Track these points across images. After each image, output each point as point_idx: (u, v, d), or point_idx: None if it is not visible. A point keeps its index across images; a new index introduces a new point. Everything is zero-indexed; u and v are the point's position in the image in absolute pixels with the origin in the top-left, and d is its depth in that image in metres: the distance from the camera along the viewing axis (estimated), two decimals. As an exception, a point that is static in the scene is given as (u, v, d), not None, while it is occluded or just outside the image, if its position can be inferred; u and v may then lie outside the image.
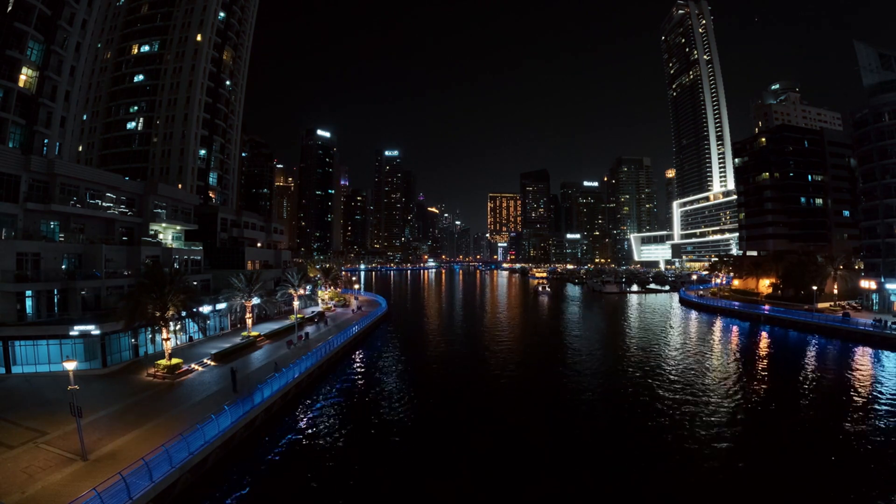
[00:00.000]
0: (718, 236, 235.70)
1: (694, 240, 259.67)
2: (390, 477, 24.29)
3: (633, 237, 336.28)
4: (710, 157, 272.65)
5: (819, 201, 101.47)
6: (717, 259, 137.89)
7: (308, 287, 79.08)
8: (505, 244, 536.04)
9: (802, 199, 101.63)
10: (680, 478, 24.03)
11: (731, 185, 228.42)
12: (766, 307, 77.93)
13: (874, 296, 72.38)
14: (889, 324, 55.38)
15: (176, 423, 25.95)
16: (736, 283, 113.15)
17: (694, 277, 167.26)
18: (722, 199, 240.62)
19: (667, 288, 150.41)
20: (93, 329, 36.47)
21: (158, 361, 37.09)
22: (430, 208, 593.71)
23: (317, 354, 42.25)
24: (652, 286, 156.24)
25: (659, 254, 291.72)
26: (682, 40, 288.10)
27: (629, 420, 32.39)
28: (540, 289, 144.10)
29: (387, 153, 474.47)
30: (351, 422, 32.08)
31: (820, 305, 73.97)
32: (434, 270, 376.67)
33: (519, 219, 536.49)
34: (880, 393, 37.31)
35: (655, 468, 25.03)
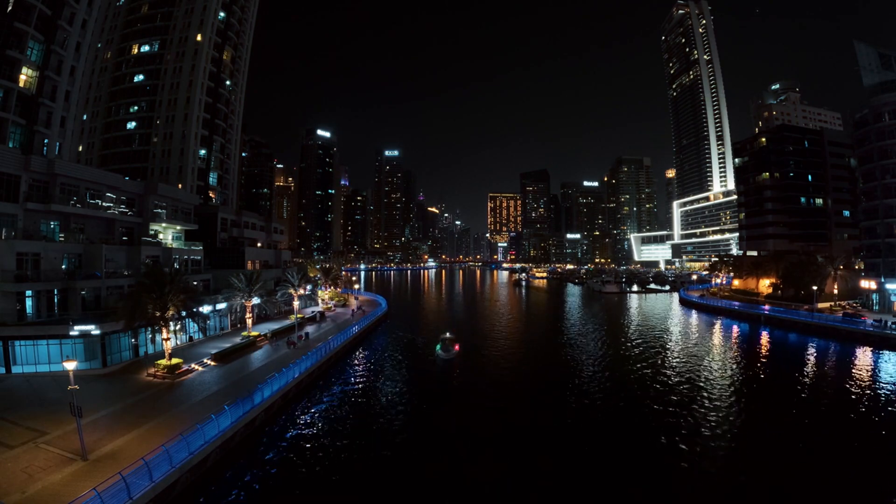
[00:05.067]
0: (718, 236, 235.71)
1: (694, 240, 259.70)
2: (390, 476, 24.29)
3: (633, 237, 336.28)
4: (710, 157, 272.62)
5: (819, 201, 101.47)
6: (717, 259, 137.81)
7: (308, 287, 79.06)
8: (505, 244, 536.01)
9: (802, 199, 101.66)
10: (679, 480, 24.02)
11: (731, 185, 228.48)
12: (767, 307, 77.88)
13: (874, 296, 72.34)
14: (889, 324, 55.38)
15: (176, 423, 25.95)
16: (736, 283, 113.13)
17: (694, 277, 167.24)
18: (722, 199, 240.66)
19: (667, 288, 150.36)
20: (93, 329, 36.46)
21: (158, 361, 37.09)
22: (430, 208, 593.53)
23: (317, 354, 42.24)
24: (652, 286, 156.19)
25: (659, 254, 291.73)
26: (682, 40, 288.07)
27: (628, 421, 32.36)
28: (522, 280, 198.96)
29: (387, 153, 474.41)
30: (351, 421, 32.08)
31: (820, 305, 73.86)
32: (434, 270, 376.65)
33: (519, 219, 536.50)
34: (881, 393, 37.30)
35: (653, 469, 25.01)
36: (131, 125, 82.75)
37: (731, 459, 26.22)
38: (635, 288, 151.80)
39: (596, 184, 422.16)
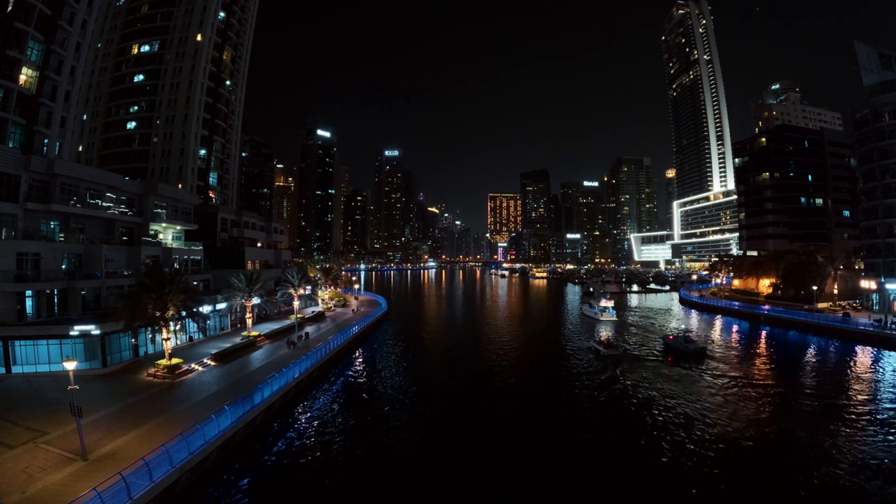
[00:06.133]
0: (718, 236, 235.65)
1: (694, 240, 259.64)
2: (390, 477, 24.30)
3: (633, 237, 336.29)
4: (710, 157, 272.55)
5: (819, 201, 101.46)
6: (717, 259, 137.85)
7: (308, 287, 79.09)
8: (505, 244, 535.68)
9: (802, 199, 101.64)
10: (677, 480, 24.01)
11: (731, 185, 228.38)
12: (766, 307, 77.89)
13: (874, 296, 72.31)
14: (889, 323, 55.39)
15: (176, 423, 25.95)
16: (736, 283, 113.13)
17: (694, 277, 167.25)
18: (722, 199, 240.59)
19: (667, 288, 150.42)
20: (93, 329, 36.47)
21: (158, 361, 37.10)
22: (430, 208, 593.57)
23: (317, 354, 42.25)
24: (652, 286, 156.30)
25: (659, 254, 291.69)
26: (683, 40, 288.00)
27: (627, 420, 32.36)
28: (501, 274, 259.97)
29: (387, 153, 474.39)
30: (351, 421, 32.09)
31: (820, 305, 73.90)
32: (434, 270, 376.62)
33: (519, 219, 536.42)
34: (880, 392, 37.37)
35: (651, 469, 25.00)
36: (131, 125, 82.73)
37: (730, 458, 26.15)
38: (635, 288, 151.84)
39: (596, 184, 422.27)
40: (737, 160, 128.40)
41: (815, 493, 22.18)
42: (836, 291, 78.46)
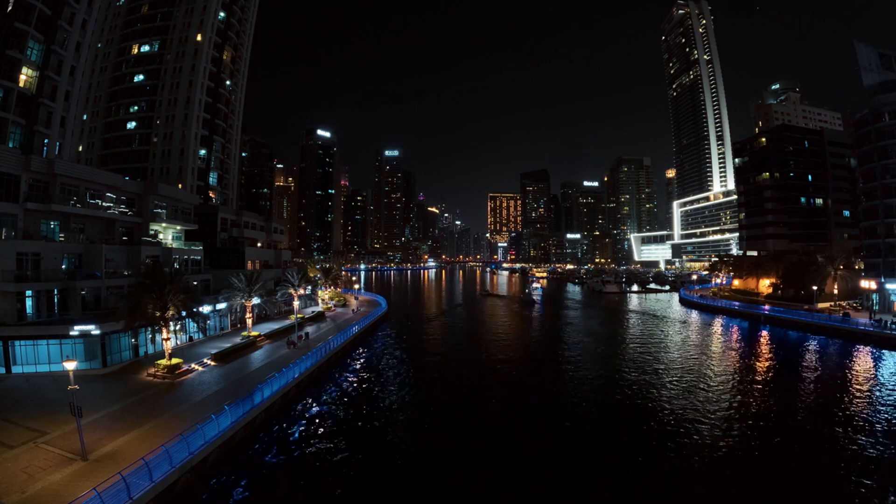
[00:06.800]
0: (718, 236, 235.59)
1: (694, 240, 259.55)
2: (390, 477, 24.29)
3: (633, 237, 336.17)
4: (710, 157, 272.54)
5: (819, 201, 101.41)
6: (717, 259, 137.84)
7: (308, 287, 79.05)
8: (505, 244, 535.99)
9: (802, 199, 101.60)
10: (677, 480, 24.01)
11: (731, 185, 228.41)
12: (767, 307, 77.89)
13: (874, 296, 72.29)
14: (888, 323, 55.40)
15: (176, 423, 25.95)
16: (736, 283, 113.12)
17: (694, 277, 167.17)
18: (722, 199, 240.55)
19: (667, 288, 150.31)
20: (93, 329, 36.45)
21: (158, 361, 37.09)
22: (430, 208, 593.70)
23: (317, 354, 42.25)
24: (652, 286, 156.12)
25: (659, 254, 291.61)
26: (683, 40, 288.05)
27: (628, 420, 32.34)
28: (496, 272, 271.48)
29: (387, 153, 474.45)
30: (351, 421, 32.07)
31: (820, 305, 73.88)
32: (434, 270, 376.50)
33: (519, 219, 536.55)
34: (880, 392, 37.35)
35: (652, 470, 25.00)
36: (131, 125, 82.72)
37: (730, 458, 26.15)
38: (635, 288, 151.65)
39: (596, 184, 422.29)
40: (737, 160, 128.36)
41: (814, 493, 22.18)
42: (836, 291, 78.41)
